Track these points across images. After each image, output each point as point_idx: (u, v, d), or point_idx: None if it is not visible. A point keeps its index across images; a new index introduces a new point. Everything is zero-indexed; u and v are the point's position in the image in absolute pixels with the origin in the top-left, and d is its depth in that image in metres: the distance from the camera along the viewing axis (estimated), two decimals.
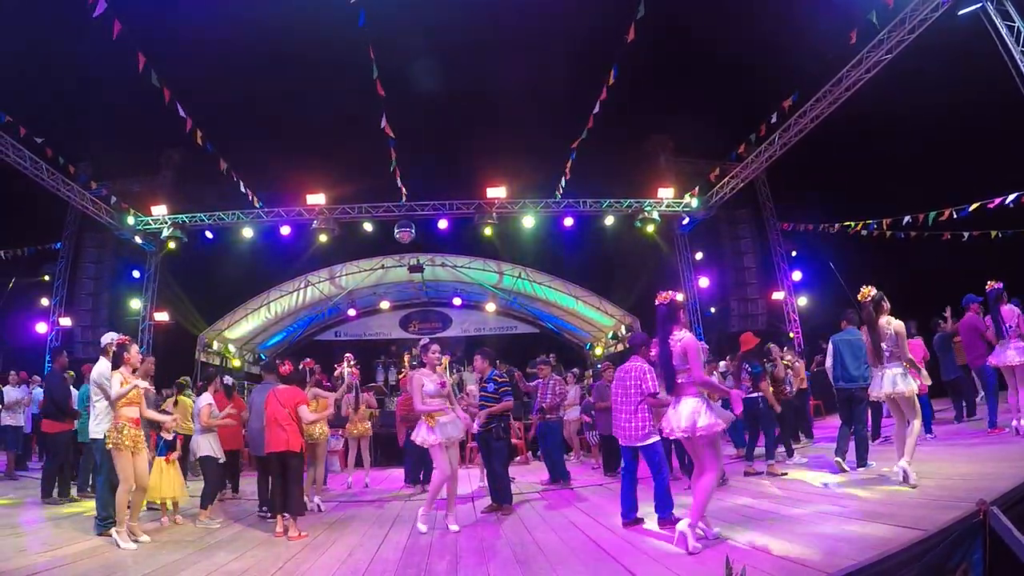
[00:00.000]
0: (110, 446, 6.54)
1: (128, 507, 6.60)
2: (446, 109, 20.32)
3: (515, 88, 19.70)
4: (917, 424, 6.67)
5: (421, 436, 7.21)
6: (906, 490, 6.24)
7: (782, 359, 9.93)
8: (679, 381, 5.51)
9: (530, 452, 13.33)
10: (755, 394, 8.94)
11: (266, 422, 7.43)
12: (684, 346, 5.47)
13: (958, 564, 3.08)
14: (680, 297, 5.90)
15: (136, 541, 6.43)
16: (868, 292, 7.00)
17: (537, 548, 5.87)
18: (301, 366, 9.64)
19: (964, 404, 10.98)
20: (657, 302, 5.83)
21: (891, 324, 6.82)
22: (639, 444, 6.57)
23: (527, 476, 11.02)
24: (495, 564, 5.40)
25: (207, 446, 8.36)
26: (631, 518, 6.55)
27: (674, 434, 5.50)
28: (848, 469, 7.92)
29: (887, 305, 6.97)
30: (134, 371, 6.98)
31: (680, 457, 9.00)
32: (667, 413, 5.66)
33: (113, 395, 6.61)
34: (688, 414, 5.33)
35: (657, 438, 6.54)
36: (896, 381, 6.67)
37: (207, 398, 8.62)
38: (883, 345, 6.85)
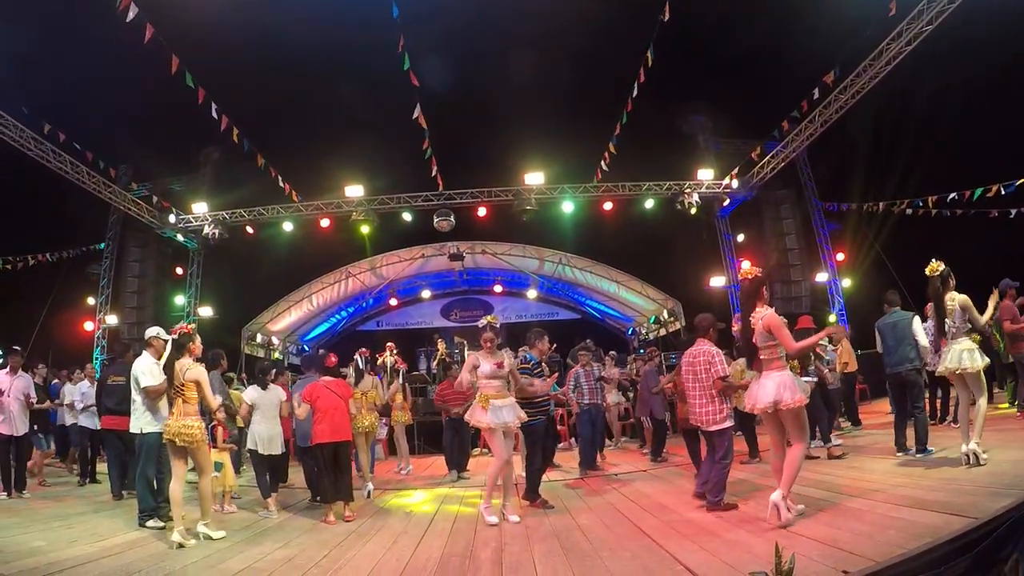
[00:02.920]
0: (197, 440, 6.28)
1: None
2: (482, 96, 20.33)
3: (551, 73, 19.64)
4: (983, 402, 6.47)
5: (475, 418, 6.97)
6: (957, 476, 6.12)
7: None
8: (762, 358, 5.51)
9: (573, 439, 13.31)
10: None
11: (322, 413, 7.46)
12: (767, 323, 5.46)
13: (1009, 554, 3.01)
14: (761, 272, 5.82)
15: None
16: (936, 267, 6.77)
17: (581, 534, 5.89)
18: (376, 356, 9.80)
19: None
20: (740, 277, 5.81)
21: (955, 300, 6.64)
22: (713, 429, 6.49)
23: (569, 462, 11.03)
24: (540, 550, 5.41)
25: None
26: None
27: (756, 409, 5.51)
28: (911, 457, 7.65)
29: (953, 281, 6.78)
30: (197, 360, 6.67)
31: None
32: (750, 389, 5.65)
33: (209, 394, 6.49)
34: (775, 388, 5.33)
35: (731, 423, 6.52)
36: (963, 357, 6.48)
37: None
38: (947, 322, 6.69)
